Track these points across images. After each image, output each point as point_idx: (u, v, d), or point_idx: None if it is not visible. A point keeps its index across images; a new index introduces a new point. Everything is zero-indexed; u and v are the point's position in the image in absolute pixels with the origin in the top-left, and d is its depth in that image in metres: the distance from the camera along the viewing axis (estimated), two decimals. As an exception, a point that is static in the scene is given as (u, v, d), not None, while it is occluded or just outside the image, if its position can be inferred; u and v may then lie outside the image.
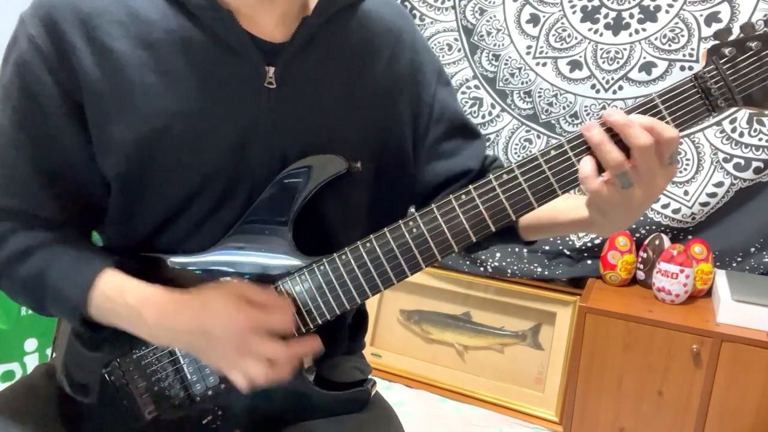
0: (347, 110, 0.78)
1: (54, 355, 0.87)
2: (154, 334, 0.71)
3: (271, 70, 0.73)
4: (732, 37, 0.66)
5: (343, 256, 0.73)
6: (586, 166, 0.65)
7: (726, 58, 0.65)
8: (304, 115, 0.75)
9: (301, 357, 0.70)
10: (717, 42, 0.66)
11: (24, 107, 0.71)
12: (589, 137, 0.64)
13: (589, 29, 1.87)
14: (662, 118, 0.65)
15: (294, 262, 0.75)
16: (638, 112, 0.65)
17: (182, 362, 0.76)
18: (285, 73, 0.74)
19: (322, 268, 0.73)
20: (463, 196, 0.70)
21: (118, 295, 0.70)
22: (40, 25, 0.69)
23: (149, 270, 0.75)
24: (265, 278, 0.75)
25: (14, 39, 0.71)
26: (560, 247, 1.96)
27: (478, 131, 0.90)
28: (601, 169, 0.66)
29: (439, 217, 0.70)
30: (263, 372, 0.67)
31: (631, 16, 1.82)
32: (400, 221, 0.72)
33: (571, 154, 0.67)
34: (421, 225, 0.71)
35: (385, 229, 0.72)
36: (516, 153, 2.01)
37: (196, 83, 0.71)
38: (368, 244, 0.72)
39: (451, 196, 0.70)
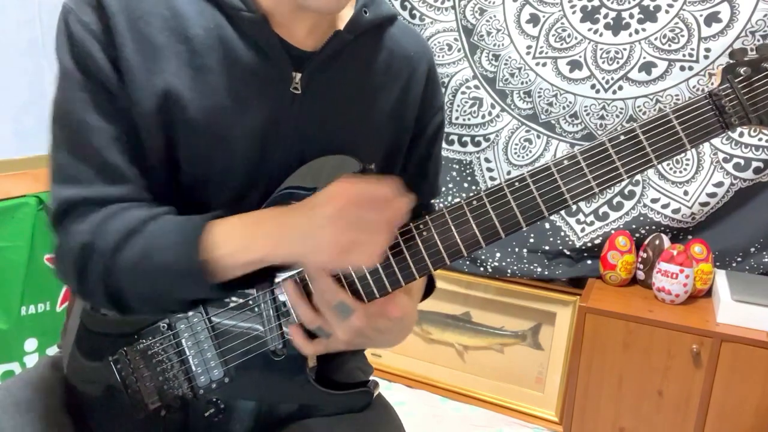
0: (364, 122, 0.81)
1: (60, 349, 0.88)
2: (271, 234, 0.67)
3: (298, 75, 0.75)
4: (748, 57, 0.67)
5: None
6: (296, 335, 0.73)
7: (741, 77, 0.67)
8: (324, 122, 0.78)
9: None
10: (733, 61, 0.68)
11: (91, 90, 0.70)
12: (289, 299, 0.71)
13: (589, 29, 1.87)
14: (675, 133, 0.67)
15: None
16: (652, 126, 0.67)
17: (188, 353, 0.77)
18: (310, 80, 0.76)
19: None
20: (475, 202, 0.70)
21: (228, 226, 0.68)
22: (92, 13, 0.70)
23: None
24: (280, 271, 0.75)
25: (66, 28, 0.70)
26: (560, 247, 1.96)
27: (436, 174, 0.95)
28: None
29: (450, 221, 0.71)
30: (378, 236, 0.64)
31: (631, 16, 1.82)
32: (411, 224, 0.72)
33: (583, 164, 0.69)
34: (432, 229, 0.71)
35: (396, 231, 0.72)
36: (516, 153, 2.01)
37: (225, 81, 0.73)
38: None
39: (462, 201, 0.71)
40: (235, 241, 0.67)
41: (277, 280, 0.74)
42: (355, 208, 0.63)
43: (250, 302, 0.76)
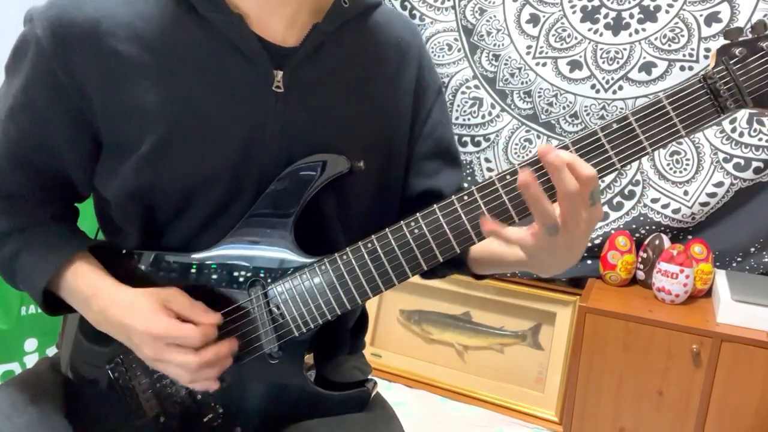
0: (352, 116, 0.79)
1: (59, 349, 0.88)
2: (97, 321, 0.74)
3: (279, 74, 0.73)
4: (743, 37, 0.65)
5: (344, 256, 0.73)
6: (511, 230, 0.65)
7: (736, 59, 0.64)
8: (309, 119, 0.76)
9: (216, 363, 0.71)
10: (727, 42, 0.65)
11: (21, 102, 0.72)
12: (525, 188, 0.62)
13: (589, 29, 1.87)
14: (669, 119, 0.65)
15: (295, 261, 0.75)
16: (645, 113, 0.65)
17: None
18: (293, 78, 0.74)
19: (323, 267, 0.73)
20: (466, 197, 0.69)
21: (73, 279, 0.74)
22: (48, 29, 0.68)
23: (137, 266, 0.78)
24: (272, 275, 0.75)
25: (23, 36, 0.71)
26: (560, 247, 1.96)
27: (460, 161, 0.91)
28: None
29: (441, 217, 0.70)
30: (182, 376, 0.71)
31: (631, 16, 1.82)
32: (401, 221, 0.71)
33: (575, 154, 0.66)
34: (423, 225, 0.70)
35: (387, 229, 0.72)
36: (516, 153, 2.00)
37: (204, 86, 0.71)
38: (369, 245, 0.72)
39: (453, 197, 0.70)
40: (75, 297, 0.75)
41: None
42: (161, 346, 0.69)
43: (245, 306, 0.75)
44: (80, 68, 0.69)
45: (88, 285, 0.74)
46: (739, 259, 1.78)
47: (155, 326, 0.69)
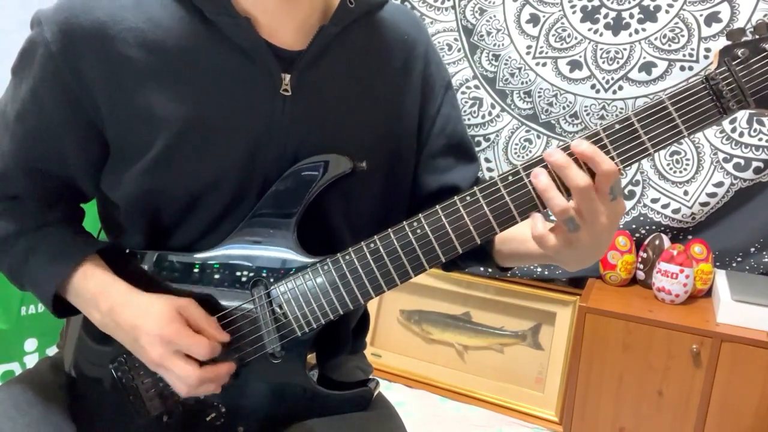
0: (359, 117, 0.79)
1: (60, 349, 0.88)
2: (103, 323, 0.74)
3: (287, 77, 0.73)
4: (745, 38, 0.65)
5: (347, 256, 0.73)
6: (534, 220, 0.67)
7: (739, 59, 0.64)
8: (317, 122, 0.76)
9: (212, 381, 0.72)
10: (729, 42, 0.65)
11: (29, 105, 0.72)
12: (536, 183, 0.65)
13: (589, 29, 1.87)
14: (672, 120, 0.65)
15: (297, 261, 0.75)
16: (647, 113, 0.65)
17: None
18: (300, 81, 0.74)
19: (325, 267, 0.74)
20: (468, 197, 0.69)
21: (83, 281, 0.74)
22: (57, 32, 0.68)
23: (140, 265, 0.78)
24: (274, 275, 0.75)
25: (31, 39, 0.71)
26: (560, 247, 1.96)
27: (475, 155, 0.90)
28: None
29: (443, 217, 0.70)
30: (179, 387, 0.71)
31: (631, 16, 1.82)
32: (404, 222, 0.72)
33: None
34: (426, 226, 0.70)
35: (389, 229, 0.72)
36: (516, 153, 2.01)
37: (211, 89, 0.71)
38: (372, 245, 0.72)
39: (455, 197, 0.70)
40: (82, 298, 0.75)
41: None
42: (166, 354, 0.69)
43: (247, 306, 0.75)
44: (88, 72, 0.69)
45: (98, 285, 0.74)
46: (739, 259, 1.78)
47: (168, 330, 0.69)
